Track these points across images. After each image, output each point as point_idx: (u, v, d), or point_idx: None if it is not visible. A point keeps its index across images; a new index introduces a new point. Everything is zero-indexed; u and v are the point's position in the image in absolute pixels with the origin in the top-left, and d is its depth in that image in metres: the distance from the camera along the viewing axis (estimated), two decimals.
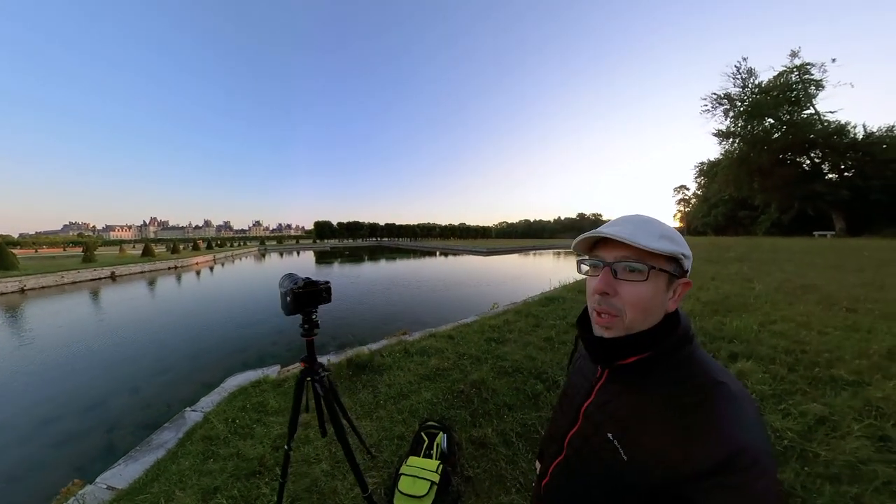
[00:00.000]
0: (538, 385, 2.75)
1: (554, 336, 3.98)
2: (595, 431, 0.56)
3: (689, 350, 0.54)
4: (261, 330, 7.89)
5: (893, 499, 1.51)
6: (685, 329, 0.55)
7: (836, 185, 23.30)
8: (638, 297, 0.53)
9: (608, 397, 0.57)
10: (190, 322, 8.87)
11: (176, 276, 19.94)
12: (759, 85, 25.34)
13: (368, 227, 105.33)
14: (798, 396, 2.35)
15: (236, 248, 50.77)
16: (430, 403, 2.62)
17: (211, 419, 2.68)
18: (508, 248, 48.61)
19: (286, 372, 3.72)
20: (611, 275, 0.55)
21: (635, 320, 0.54)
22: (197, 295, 13.63)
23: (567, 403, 0.66)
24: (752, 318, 3.88)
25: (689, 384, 0.50)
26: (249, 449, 2.26)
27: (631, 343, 0.54)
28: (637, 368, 0.55)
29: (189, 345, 6.94)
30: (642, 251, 0.52)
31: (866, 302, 4.43)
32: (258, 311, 9.88)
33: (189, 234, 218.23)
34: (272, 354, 6.08)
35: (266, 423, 2.60)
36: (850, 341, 3.17)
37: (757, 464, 0.43)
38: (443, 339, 4.17)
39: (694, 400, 0.48)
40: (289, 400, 2.86)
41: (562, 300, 6.04)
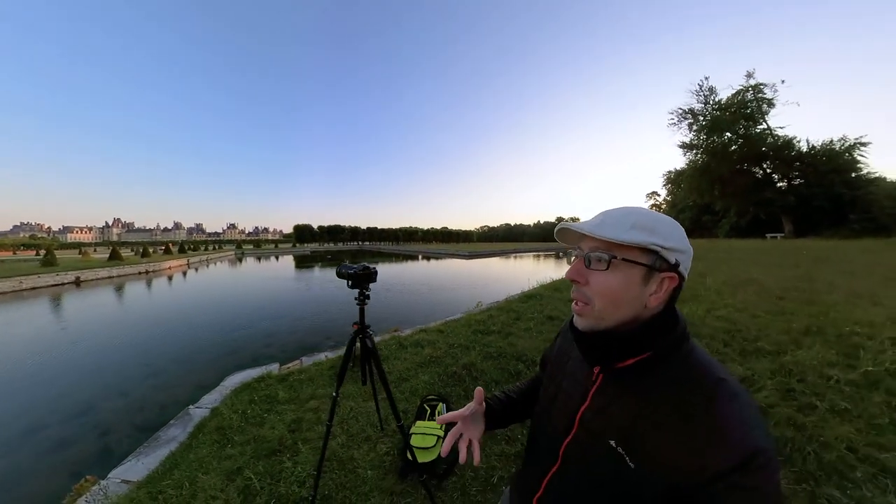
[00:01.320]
0: (519, 365, 3.21)
1: (532, 327, 4.45)
2: (595, 439, 0.55)
3: (686, 348, 0.53)
4: (251, 333, 7.91)
5: (790, 428, 2.06)
6: (681, 328, 0.54)
7: (785, 193, 25.84)
8: (604, 286, 0.53)
9: (605, 402, 0.55)
10: (173, 328, 8.70)
11: (147, 282, 19.00)
12: (719, 102, 28.01)
13: (350, 230, 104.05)
14: (729, 363, 2.93)
15: (211, 251, 48.73)
16: (428, 384, 2.98)
17: (222, 411, 2.83)
18: (490, 251, 49.51)
19: (287, 369, 3.90)
20: (583, 264, 0.56)
21: (604, 310, 0.54)
22: (175, 300, 13.22)
23: (557, 410, 0.63)
24: (700, 306, 4.55)
25: (692, 384, 0.49)
26: (267, 433, 2.43)
27: (622, 342, 0.54)
28: (636, 370, 0.54)
29: (176, 349, 6.90)
30: (607, 242, 0.53)
31: (795, 291, 5.26)
32: (245, 316, 9.79)
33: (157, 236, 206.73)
34: (267, 356, 6.17)
35: (278, 411, 2.78)
36: (775, 322, 3.86)
37: (769, 463, 0.43)
38: (434, 333, 4.51)
39: (699, 400, 0.47)
40: (297, 391, 3.11)
41: (540, 297, 6.55)
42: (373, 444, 2.24)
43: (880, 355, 2.92)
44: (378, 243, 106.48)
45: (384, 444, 2.23)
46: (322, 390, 3.10)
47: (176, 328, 8.60)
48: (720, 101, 27.72)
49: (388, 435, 2.32)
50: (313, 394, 3.03)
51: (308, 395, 3.03)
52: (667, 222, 0.54)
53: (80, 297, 13.91)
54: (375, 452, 2.16)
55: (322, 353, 4.27)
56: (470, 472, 1.94)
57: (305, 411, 2.73)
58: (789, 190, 25.74)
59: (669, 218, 0.55)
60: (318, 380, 3.34)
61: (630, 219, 0.53)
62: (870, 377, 2.60)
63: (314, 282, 18.34)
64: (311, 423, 2.54)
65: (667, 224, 0.53)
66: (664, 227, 0.53)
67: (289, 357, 4.74)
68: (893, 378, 2.58)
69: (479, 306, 6.61)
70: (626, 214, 0.55)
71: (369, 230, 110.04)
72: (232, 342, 7.25)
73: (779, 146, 25.67)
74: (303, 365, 3.90)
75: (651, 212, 0.55)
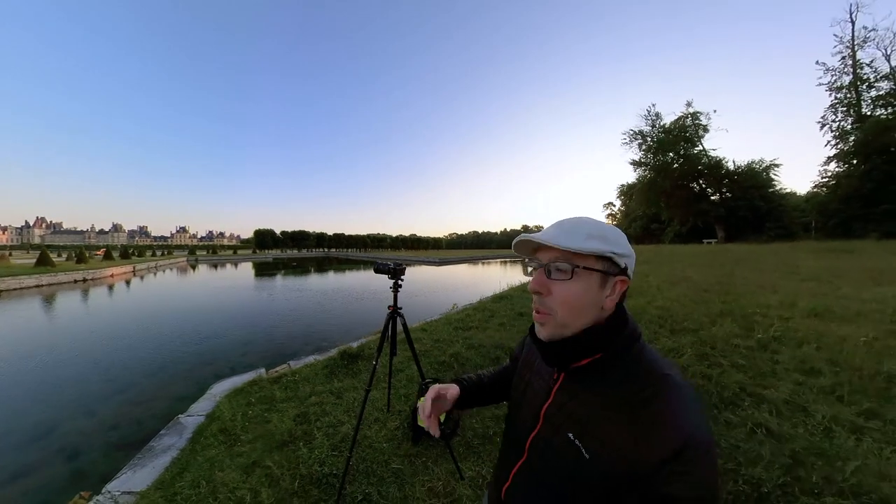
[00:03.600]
0: (498, 351, 3.80)
1: (506, 322, 5.06)
2: (556, 432, 0.58)
3: (637, 347, 0.56)
4: (222, 343, 7.68)
5: (702, 379, 2.78)
6: (632, 328, 0.57)
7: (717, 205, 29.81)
8: (566, 295, 0.55)
9: (566, 398, 0.59)
10: (134, 341, 8.14)
11: (85, 291, 17.14)
12: (663, 126, 31.94)
13: (315, 236, 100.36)
14: (661, 339, 3.72)
15: (160, 257, 44.64)
16: None
17: (222, 414, 2.90)
18: (459, 258, 50.54)
19: (276, 373, 3.97)
20: (545, 275, 0.57)
21: (566, 318, 0.56)
22: (128, 311, 12.18)
23: (526, 406, 0.67)
24: (643, 299, 5.50)
25: (640, 380, 0.53)
26: (274, 428, 2.55)
27: (579, 344, 0.56)
28: (591, 369, 0.57)
29: (142, 363, 6.53)
30: (568, 252, 0.54)
31: (717, 285, 6.51)
32: (214, 326, 9.38)
33: (90, 239, 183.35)
34: (246, 364, 6.01)
35: (279, 409, 2.90)
36: (699, 308, 4.86)
37: (704, 451, 0.47)
38: (417, 332, 4.90)
39: (646, 395, 0.51)
40: (294, 391, 3.28)
41: (510, 298, 7.24)
42: (382, 423, 2.53)
43: (769, 327, 3.93)
44: (346, 250, 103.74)
45: (393, 422, 2.53)
46: (321, 387, 3.27)
47: (138, 341, 8.09)
48: (664, 125, 31.65)
49: (395, 414, 2.64)
50: (312, 391, 3.20)
51: (307, 392, 3.18)
52: (614, 230, 0.58)
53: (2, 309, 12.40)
54: (387, 429, 2.44)
55: (310, 356, 4.44)
56: (470, 431, 2.38)
57: (309, 406, 2.88)
58: (720, 202, 29.63)
59: (614, 226, 0.59)
60: (313, 379, 3.52)
61: (584, 229, 0.56)
62: (761, 342, 3.54)
63: (282, 291, 17.77)
64: (318, 414, 2.71)
65: (615, 232, 0.58)
66: (613, 234, 0.57)
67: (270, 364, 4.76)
68: (777, 342, 3.57)
69: (455, 308, 7.10)
70: (579, 225, 0.58)
71: (336, 236, 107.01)
72: (205, 352, 7.04)
73: (711, 165, 29.76)
74: (292, 368, 4.04)
75: (598, 221, 0.59)
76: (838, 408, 2.46)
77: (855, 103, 23.85)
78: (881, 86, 22.84)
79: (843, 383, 2.80)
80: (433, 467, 2.08)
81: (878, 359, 3.19)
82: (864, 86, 23.53)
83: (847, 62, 24.50)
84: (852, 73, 24.13)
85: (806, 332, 3.97)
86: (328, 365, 3.84)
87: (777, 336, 3.73)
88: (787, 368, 3.07)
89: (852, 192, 21.58)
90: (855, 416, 2.35)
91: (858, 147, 21.93)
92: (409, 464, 2.12)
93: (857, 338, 3.66)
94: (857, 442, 2.06)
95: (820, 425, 2.22)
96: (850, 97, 24.22)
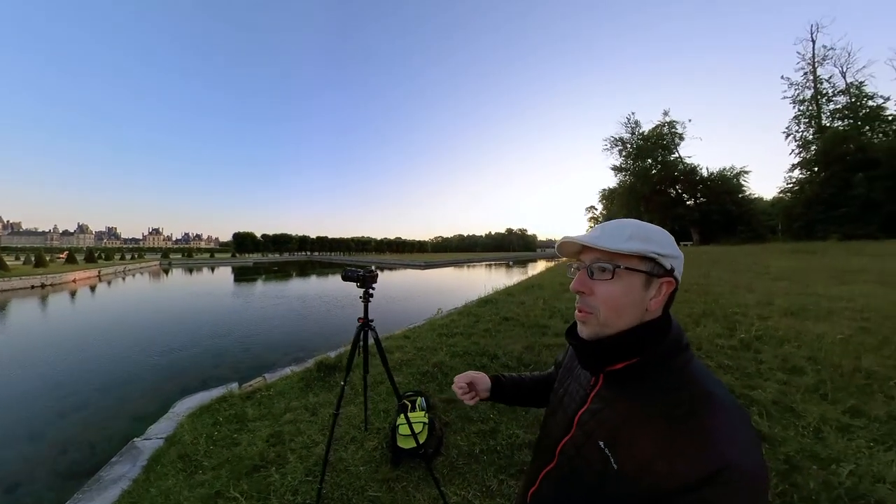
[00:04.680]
0: (484, 359, 3.60)
1: (491, 327, 4.88)
2: (587, 439, 0.56)
3: (683, 359, 0.54)
4: (193, 354, 7.19)
5: None
6: (676, 336, 0.55)
7: (692, 209, 31.24)
8: (608, 295, 0.55)
9: (601, 405, 0.57)
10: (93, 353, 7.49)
11: (43, 298, 15.94)
12: (642, 133, 33.50)
13: (298, 240, 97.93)
14: None
15: (130, 261, 42.31)
16: (403, 384, 3.16)
17: (182, 438, 2.59)
18: (445, 261, 50.47)
19: (249, 387, 3.65)
20: (587, 275, 0.58)
21: (608, 317, 0.56)
22: (90, 320, 11.33)
23: (561, 411, 0.66)
24: None
25: (680, 394, 0.50)
26: (243, 451, 2.29)
27: (616, 346, 0.55)
28: (628, 375, 0.56)
29: (100, 377, 6.00)
30: (610, 252, 0.55)
31: (696, 286, 6.65)
32: (185, 335, 8.79)
33: (53, 241, 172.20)
34: (218, 377, 5.60)
35: (251, 429, 2.64)
36: (681, 308, 4.92)
37: (741, 480, 0.42)
38: (400, 339, 4.69)
39: (683, 411, 0.48)
40: (268, 408, 3.01)
41: (495, 301, 7.10)
42: (359, 443, 2.32)
43: (750, 327, 4.00)
44: (329, 254, 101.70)
45: (371, 441, 2.32)
46: (297, 402, 3.01)
47: (97, 353, 7.46)
48: (643, 133, 33.21)
49: (372, 433, 2.42)
50: (287, 407, 2.94)
51: (282, 409, 2.92)
52: (659, 231, 0.57)
53: None
54: (364, 450, 2.24)
55: (287, 368, 4.13)
56: (454, 450, 2.20)
57: (283, 424, 2.63)
58: (695, 207, 31.09)
59: (660, 228, 0.58)
60: (289, 393, 3.25)
61: (626, 230, 0.56)
62: (744, 342, 3.62)
63: (260, 297, 17.13)
64: (293, 434, 2.47)
65: (659, 233, 0.57)
66: (657, 235, 0.56)
67: (245, 377, 4.46)
68: (759, 341, 3.63)
69: (439, 312, 6.91)
70: (622, 226, 0.58)
71: (320, 240, 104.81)
72: (172, 365, 6.57)
73: (687, 171, 31.31)
74: (267, 381, 3.74)
75: (643, 223, 0.58)
76: (824, 407, 2.48)
77: (816, 115, 25.51)
78: (839, 100, 24.59)
79: (825, 381, 2.85)
80: (414, 493, 1.89)
81: (854, 355, 3.28)
82: (824, 99, 25.25)
83: (809, 77, 26.30)
84: (813, 87, 25.88)
85: (785, 330, 4.06)
86: (304, 377, 3.55)
87: (759, 335, 3.80)
88: (771, 368, 3.09)
89: (814, 198, 23.01)
90: (841, 414, 2.37)
91: (819, 156, 23.57)
92: (387, 490, 1.92)
93: (833, 335, 3.78)
94: (847, 442, 2.06)
95: (810, 426, 2.21)
96: (812, 110, 25.90)
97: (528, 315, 5.53)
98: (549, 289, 8.32)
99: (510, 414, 2.55)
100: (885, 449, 1.97)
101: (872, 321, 4.32)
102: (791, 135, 26.85)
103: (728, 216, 27.86)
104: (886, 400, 2.51)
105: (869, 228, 18.72)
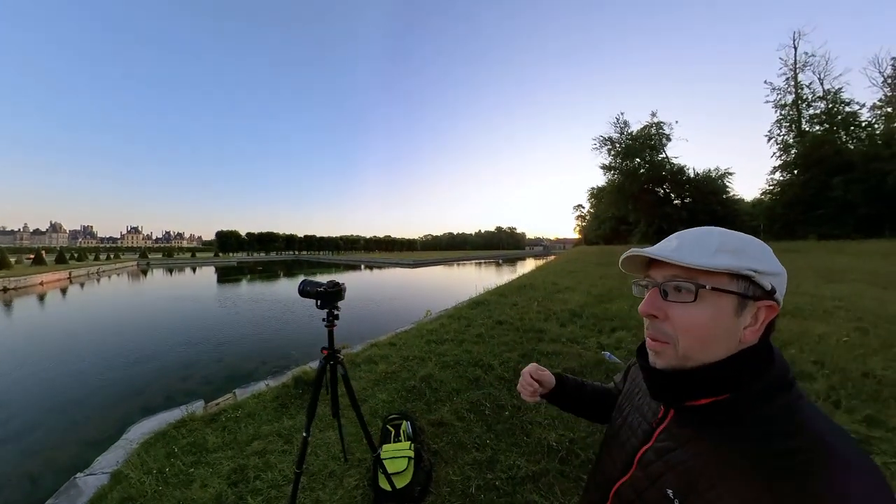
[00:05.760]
0: (477, 370, 3.27)
1: (484, 332, 4.60)
2: (651, 484, 0.48)
3: (786, 399, 0.44)
4: (159, 366, 6.58)
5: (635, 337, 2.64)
6: (781, 371, 0.46)
7: (679, 208, 31.98)
8: (690, 322, 0.46)
9: (672, 444, 0.48)
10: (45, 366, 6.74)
11: (5, 303, 14.79)
12: (631, 133, 33.81)
13: (284, 238, 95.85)
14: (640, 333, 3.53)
15: (105, 261, 40.42)
16: (387, 402, 2.85)
17: (128, 475, 2.20)
18: (434, 259, 50.15)
19: (216, 406, 3.22)
20: (659, 296, 0.48)
21: (691, 349, 0.46)
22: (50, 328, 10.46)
23: (618, 447, 0.57)
24: (625, 303, 5.33)
25: (787, 440, 0.40)
26: (197, 494, 1.96)
27: (702, 377, 0.46)
28: (712, 413, 0.47)
29: (50, 394, 5.36)
30: (691, 269, 0.46)
31: None
32: (153, 344, 8.12)
33: (22, 241, 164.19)
34: (186, 391, 5.13)
35: (209, 462, 2.28)
36: None
37: None
38: (385, 347, 4.37)
39: (788, 465, 0.38)
40: (233, 433, 2.59)
41: (487, 303, 6.83)
42: (339, 479, 2.02)
43: None
44: (317, 253, 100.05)
45: (351, 478, 2.02)
46: (268, 426, 2.64)
47: (51, 366, 6.70)
48: (632, 133, 33.60)
49: (353, 465, 2.11)
50: (256, 433, 2.55)
51: (249, 435, 2.53)
52: (756, 243, 0.48)
53: None
54: (343, 489, 1.94)
55: (262, 382, 3.71)
56: (446, 487, 1.90)
57: (248, 456, 2.26)
58: (682, 206, 31.88)
59: (756, 238, 0.48)
60: (260, 415, 2.86)
61: (713, 240, 0.47)
62: None
63: (241, 299, 16.43)
64: (259, 469, 2.11)
65: (756, 245, 0.47)
66: (753, 247, 0.47)
67: (216, 391, 4.08)
68: None
69: (428, 314, 6.63)
70: (707, 235, 0.48)
71: (307, 238, 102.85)
72: (134, 378, 5.95)
73: (674, 172, 32.14)
74: (237, 399, 3.31)
75: (734, 232, 0.48)
76: (839, 417, 2.36)
77: (796, 120, 26.38)
78: (818, 105, 25.49)
79: (836, 387, 2.74)
80: None
81: (859, 359, 3.21)
82: (804, 104, 26.10)
83: (790, 83, 27.08)
84: (795, 92, 26.69)
85: (786, 332, 4.00)
86: (279, 395, 3.15)
87: None
88: None
89: (794, 199, 23.98)
90: (858, 424, 2.26)
91: (800, 159, 24.53)
92: None
93: (833, 337, 3.73)
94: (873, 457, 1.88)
95: None
96: (793, 114, 26.74)
97: (523, 318, 5.30)
98: (542, 289, 8.12)
99: (509, 439, 2.27)
100: None
101: (867, 321, 4.33)
102: (773, 138, 27.70)
103: (713, 216, 28.62)
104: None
105: (845, 229, 19.52)
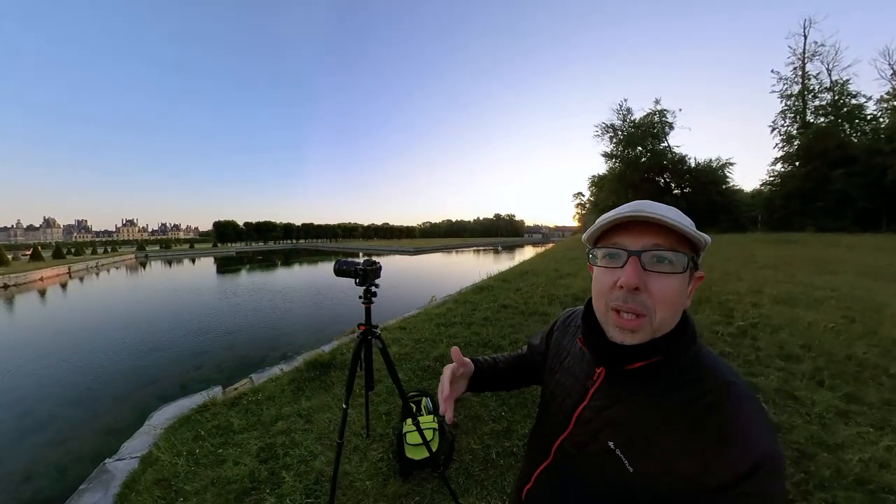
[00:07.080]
0: (487, 350, 3.50)
1: (490, 315, 4.80)
2: (592, 439, 0.52)
3: (693, 350, 0.50)
4: (171, 356, 6.69)
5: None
6: (692, 328, 0.51)
7: (679, 199, 31.76)
8: (670, 293, 0.47)
9: (606, 402, 0.52)
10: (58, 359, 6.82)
11: (9, 300, 14.65)
12: (633, 121, 33.08)
13: (282, 227, 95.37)
14: None
15: (103, 255, 39.95)
16: (405, 382, 2.92)
17: (159, 457, 2.29)
18: (434, 247, 50.25)
19: (234, 391, 3.31)
20: (639, 265, 0.47)
21: (664, 321, 0.48)
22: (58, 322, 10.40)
23: (554, 405, 0.61)
24: None
25: (701, 386, 0.47)
26: (229, 471, 2.03)
27: (646, 346, 0.49)
28: (644, 373, 0.50)
29: (66, 388, 5.46)
30: (681, 238, 0.47)
31: None
32: (161, 334, 8.20)
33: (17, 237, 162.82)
34: (201, 380, 5.20)
35: (237, 442, 2.37)
36: None
37: (778, 469, 0.41)
38: (396, 331, 4.50)
39: (708, 402, 0.45)
40: (256, 415, 2.72)
41: (491, 288, 6.99)
42: (363, 452, 2.15)
43: (745, 314, 4.12)
44: (315, 241, 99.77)
45: (375, 451, 2.14)
46: (288, 408, 2.76)
47: (63, 359, 6.80)
48: (634, 121, 32.84)
49: (376, 440, 2.24)
50: (278, 414, 2.68)
51: (272, 416, 2.66)
52: None
53: None
54: (368, 461, 2.07)
55: (276, 367, 3.82)
56: (468, 455, 2.07)
57: (274, 435, 2.39)
58: (682, 196, 31.53)
59: None
60: (279, 398, 3.00)
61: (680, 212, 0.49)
62: (741, 329, 3.72)
63: (244, 288, 16.57)
64: (287, 446, 2.23)
65: None
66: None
67: (229, 378, 4.14)
68: (755, 329, 3.72)
69: (433, 300, 6.79)
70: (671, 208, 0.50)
71: (305, 227, 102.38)
72: (148, 369, 6.07)
73: (675, 161, 31.48)
74: (255, 384, 3.43)
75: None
76: (823, 394, 2.55)
77: (801, 111, 25.68)
78: (824, 96, 24.78)
79: (821, 368, 2.93)
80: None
81: (844, 343, 3.39)
82: (811, 95, 25.36)
83: (798, 73, 26.26)
84: (801, 83, 25.91)
85: (778, 318, 4.17)
86: (295, 378, 3.28)
87: (755, 323, 3.90)
88: (770, 355, 3.17)
89: (794, 191, 23.67)
90: (839, 400, 2.45)
91: (801, 151, 24.00)
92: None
93: (822, 323, 3.92)
94: (849, 428, 2.13)
95: (813, 414, 2.28)
96: (798, 105, 26.01)
97: (527, 302, 5.47)
98: (544, 275, 8.29)
99: (522, 411, 2.46)
100: (881, 434, 2.03)
101: (855, 310, 4.51)
102: (776, 129, 27.02)
103: (713, 206, 28.36)
104: (878, 387, 2.61)
105: (843, 222, 19.45)
